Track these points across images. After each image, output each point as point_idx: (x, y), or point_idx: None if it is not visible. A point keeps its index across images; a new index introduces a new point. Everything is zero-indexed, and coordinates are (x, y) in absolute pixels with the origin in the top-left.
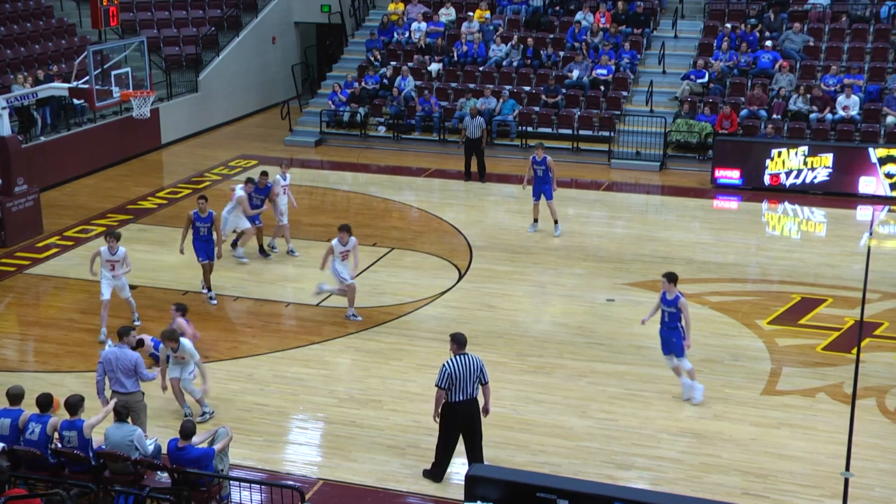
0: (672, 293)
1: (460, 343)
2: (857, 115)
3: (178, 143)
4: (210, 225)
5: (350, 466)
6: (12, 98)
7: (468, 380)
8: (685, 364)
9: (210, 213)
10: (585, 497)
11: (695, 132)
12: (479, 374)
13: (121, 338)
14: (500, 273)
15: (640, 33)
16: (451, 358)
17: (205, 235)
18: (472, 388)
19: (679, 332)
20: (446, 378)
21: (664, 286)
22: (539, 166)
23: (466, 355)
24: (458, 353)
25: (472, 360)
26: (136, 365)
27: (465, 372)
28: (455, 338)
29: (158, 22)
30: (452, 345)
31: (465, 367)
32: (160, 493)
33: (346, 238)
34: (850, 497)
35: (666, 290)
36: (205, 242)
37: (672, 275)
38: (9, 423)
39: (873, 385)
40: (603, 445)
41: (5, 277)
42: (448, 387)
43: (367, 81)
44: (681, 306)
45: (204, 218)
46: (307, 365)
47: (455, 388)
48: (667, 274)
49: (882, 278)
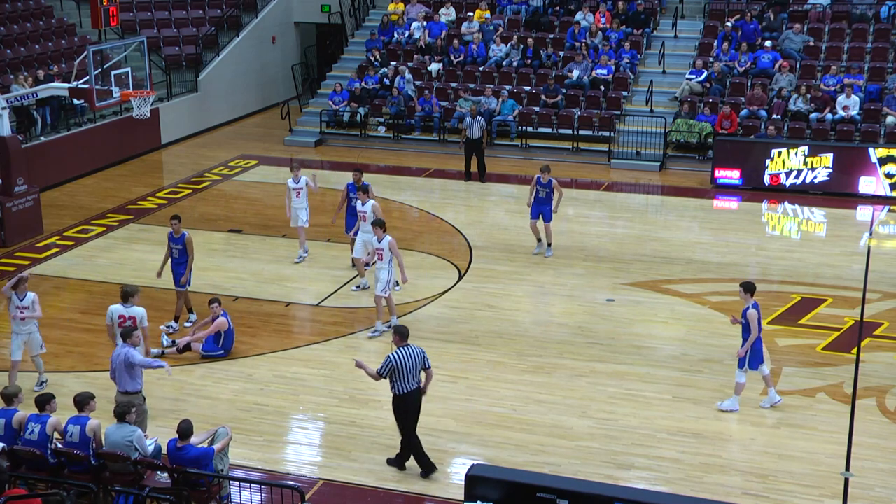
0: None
1: (403, 335)
2: (857, 115)
3: (178, 143)
4: (183, 247)
5: (350, 466)
6: (12, 98)
7: (412, 370)
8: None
9: (183, 235)
10: (585, 497)
11: (695, 132)
12: (422, 362)
13: (124, 339)
14: (500, 273)
15: (640, 33)
16: (395, 350)
17: (177, 258)
18: (416, 378)
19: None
20: (388, 369)
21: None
22: (544, 188)
23: (409, 346)
24: (401, 346)
25: (414, 351)
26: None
27: (408, 363)
28: (398, 330)
29: (158, 22)
30: (395, 337)
31: (409, 358)
32: (160, 493)
33: (379, 234)
34: (850, 497)
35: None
36: (177, 266)
37: (748, 284)
38: (3, 423)
39: (873, 385)
40: (603, 445)
41: (5, 277)
42: (389, 376)
43: (367, 81)
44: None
45: (177, 239)
46: (307, 365)
47: (401, 379)
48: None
49: (882, 278)
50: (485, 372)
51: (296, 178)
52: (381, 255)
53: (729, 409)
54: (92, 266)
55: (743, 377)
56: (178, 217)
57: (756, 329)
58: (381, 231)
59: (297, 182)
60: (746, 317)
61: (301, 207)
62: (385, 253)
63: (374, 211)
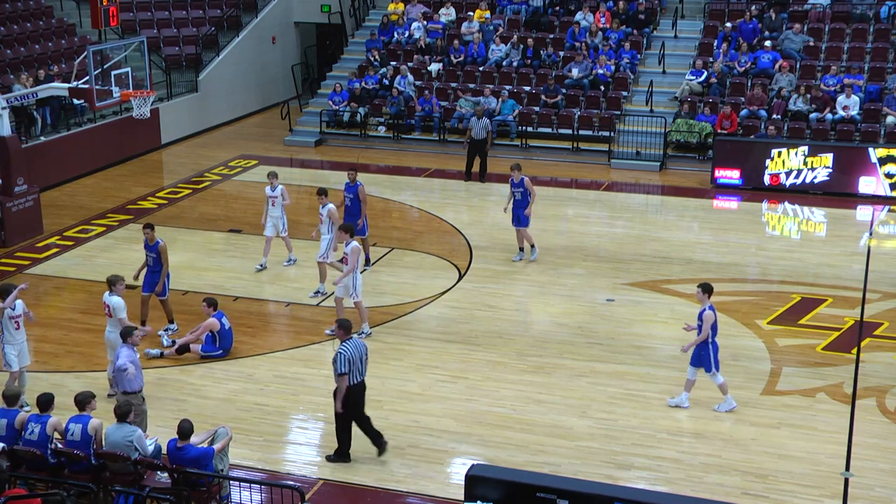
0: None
1: (347, 329)
2: (857, 115)
3: (178, 143)
4: (157, 255)
5: (350, 466)
6: (12, 98)
7: (360, 363)
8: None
9: (157, 243)
10: (585, 497)
11: (695, 132)
12: (366, 354)
13: (125, 339)
14: (500, 273)
15: (640, 33)
16: (343, 344)
17: (151, 266)
18: (364, 370)
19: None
20: (346, 363)
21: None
22: (517, 189)
23: (354, 339)
24: (346, 339)
25: (359, 344)
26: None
27: (358, 355)
28: (341, 324)
29: (158, 22)
30: (339, 331)
31: (356, 350)
32: (160, 493)
33: (345, 239)
34: (850, 497)
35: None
36: (152, 274)
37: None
38: (5, 424)
39: (873, 385)
40: (603, 445)
41: (5, 277)
42: (348, 371)
43: (367, 81)
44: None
45: (151, 247)
46: (307, 365)
47: (350, 372)
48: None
49: (882, 278)
50: (485, 372)
51: (272, 187)
52: (346, 259)
53: (728, 409)
54: (92, 266)
55: (721, 377)
56: (151, 225)
57: (707, 331)
58: (346, 236)
59: (274, 190)
60: (702, 318)
61: (278, 217)
62: (350, 258)
63: (329, 215)
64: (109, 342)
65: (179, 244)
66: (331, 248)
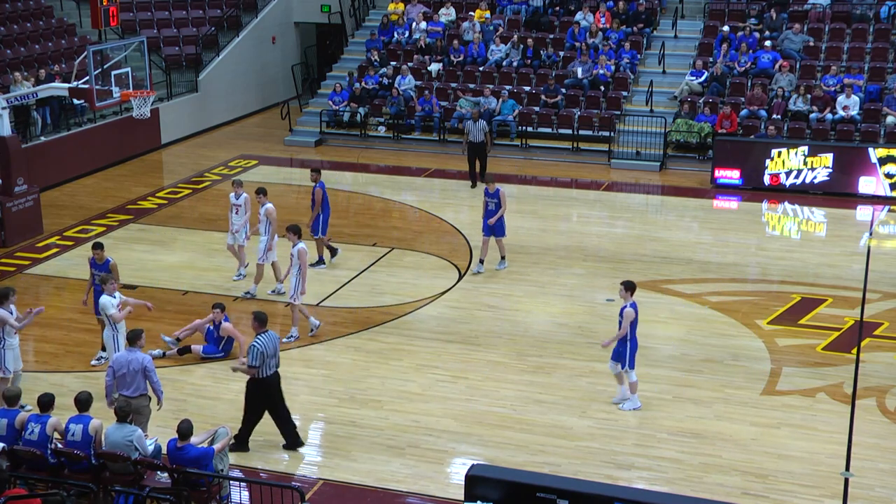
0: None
1: (262, 321)
2: (857, 115)
3: (178, 143)
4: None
5: (350, 466)
6: (12, 98)
7: (273, 355)
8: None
9: (107, 262)
10: (585, 497)
11: (695, 132)
12: (278, 347)
13: (132, 343)
14: (500, 273)
15: (640, 33)
16: (258, 337)
17: (97, 286)
18: (277, 363)
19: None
20: (259, 356)
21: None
22: (491, 199)
23: (269, 332)
24: (260, 332)
25: (273, 336)
26: (145, 368)
27: (272, 348)
28: (257, 316)
29: (158, 22)
30: (254, 323)
31: (270, 343)
32: (160, 493)
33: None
34: (850, 497)
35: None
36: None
37: (629, 283)
38: (5, 423)
39: (873, 385)
40: (603, 445)
41: (5, 277)
42: (260, 364)
43: (367, 81)
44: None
45: (100, 266)
46: (307, 365)
47: (265, 364)
48: (624, 282)
49: (882, 278)
50: (485, 372)
51: (236, 195)
52: (291, 261)
53: (633, 408)
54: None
55: (634, 375)
56: (101, 245)
57: (627, 328)
58: (294, 237)
59: (238, 198)
60: (622, 314)
61: (240, 224)
62: (294, 259)
63: (266, 215)
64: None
65: (179, 244)
66: (267, 249)
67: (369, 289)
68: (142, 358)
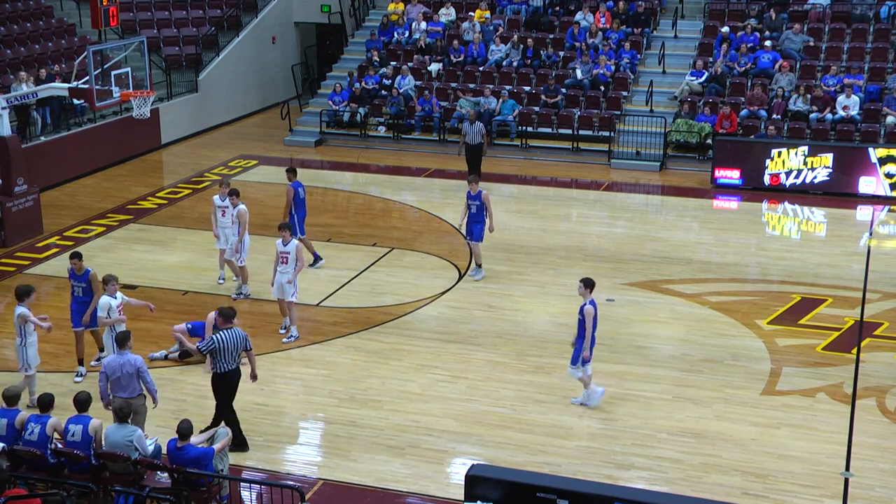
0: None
1: (227, 317)
2: (857, 115)
3: (178, 143)
4: (87, 285)
5: (350, 466)
6: (12, 98)
7: (234, 351)
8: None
9: (87, 272)
10: (585, 497)
11: (695, 132)
12: (244, 344)
13: (121, 345)
14: (500, 273)
15: (640, 33)
16: (219, 332)
17: (80, 297)
18: (237, 359)
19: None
20: (209, 347)
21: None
22: (473, 201)
23: (234, 329)
24: (224, 327)
25: (236, 333)
26: (138, 370)
27: (230, 344)
28: (222, 312)
29: (158, 22)
30: (219, 318)
31: (231, 340)
32: (160, 493)
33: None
34: (850, 497)
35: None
36: (80, 304)
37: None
38: (5, 423)
39: (873, 385)
40: (603, 445)
41: (5, 277)
42: (212, 355)
43: (367, 81)
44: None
45: (80, 276)
46: (307, 365)
47: (222, 358)
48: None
49: (882, 278)
50: (485, 372)
51: (223, 196)
52: (286, 258)
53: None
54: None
55: (590, 369)
56: (79, 254)
57: (591, 326)
58: (288, 235)
59: (224, 200)
60: (583, 312)
61: (228, 227)
62: (291, 257)
63: (239, 217)
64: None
65: (179, 244)
66: (241, 249)
67: (369, 289)
68: (134, 359)
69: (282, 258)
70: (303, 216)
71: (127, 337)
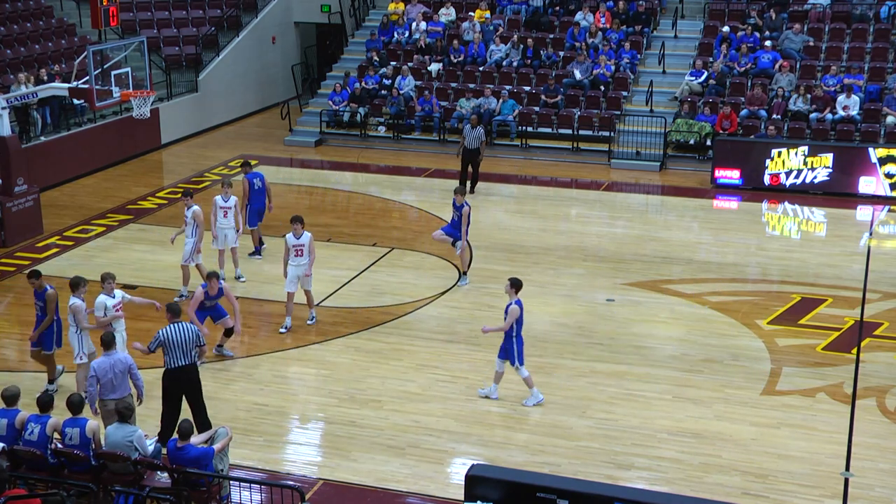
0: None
1: (174, 312)
2: (857, 115)
3: (178, 143)
4: (43, 304)
5: (350, 466)
6: (12, 98)
7: (185, 347)
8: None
9: (46, 289)
10: (585, 497)
11: (695, 132)
12: (196, 339)
13: (108, 346)
14: (500, 273)
15: (640, 33)
16: (166, 326)
17: (40, 315)
18: (190, 355)
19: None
20: (157, 344)
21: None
22: (455, 211)
23: (181, 324)
24: (172, 322)
25: (186, 328)
26: (130, 367)
27: (180, 339)
28: (170, 307)
29: (158, 22)
30: (168, 314)
31: (179, 334)
32: (160, 493)
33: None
34: (850, 497)
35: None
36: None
37: (515, 280)
38: (5, 424)
39: (873, 385)
40: (603, 445)
41: (5, 277)
42: (161, 351)
43: (367, 81)
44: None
45: (39, 294)
46: (307, 365)
47: (171, 354)
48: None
49: (882, 278)
50: (485, 372)
51: (225, 197)
52: (300, 251)
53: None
54: (92, 266)
55: (525, 371)
56: (38, 273)
57: (511, 324)
58: (300, 227)
59: (227, 201)
60: (507, 311)
61: (229, 227)
62: (304, 249)
63: (194, 217)
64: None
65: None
66: (195, 251)
67: (369, 289)
68: (124, 358)
69: (296, 251)
70: (256, 208)
71: (112, 338)
